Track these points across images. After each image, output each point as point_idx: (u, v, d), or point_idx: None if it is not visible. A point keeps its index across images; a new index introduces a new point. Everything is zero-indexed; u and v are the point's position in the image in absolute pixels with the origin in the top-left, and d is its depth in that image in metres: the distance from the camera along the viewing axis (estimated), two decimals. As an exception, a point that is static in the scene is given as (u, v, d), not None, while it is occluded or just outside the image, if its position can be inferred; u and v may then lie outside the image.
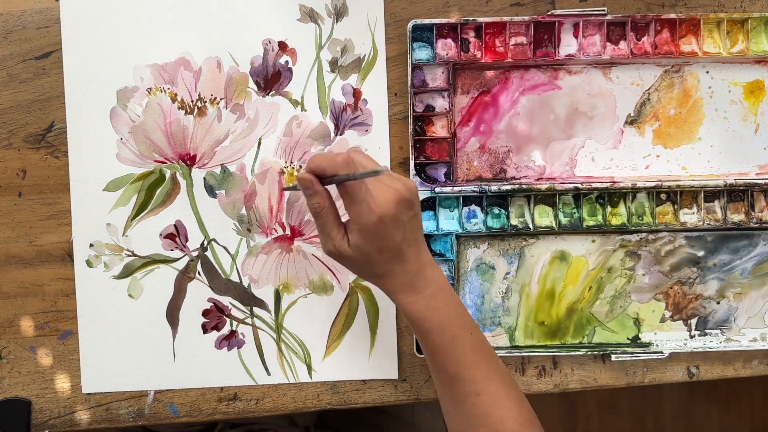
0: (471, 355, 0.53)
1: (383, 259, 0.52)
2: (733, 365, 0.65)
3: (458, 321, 0.54)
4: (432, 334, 0.53)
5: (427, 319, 0.53)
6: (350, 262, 0.53)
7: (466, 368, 0.53)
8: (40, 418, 0.64)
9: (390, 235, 0.51)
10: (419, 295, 0.53)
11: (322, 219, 0.52)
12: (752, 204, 0.63)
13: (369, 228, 0.50)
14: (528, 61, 0.62)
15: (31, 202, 0.64)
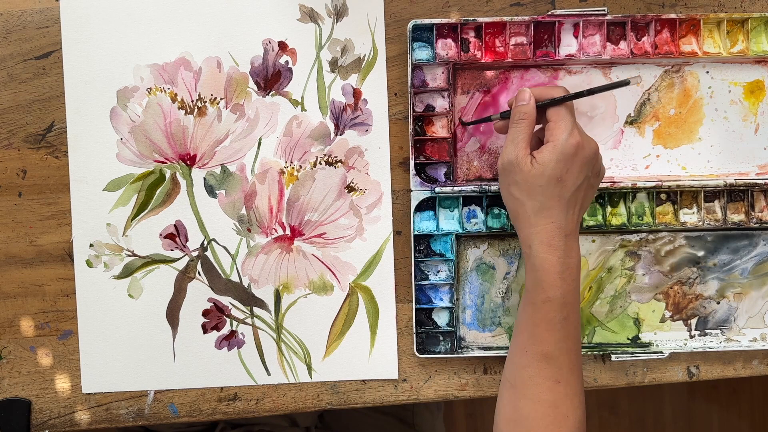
0: (571, 341, 0.53)
1: (555, 193, 0.52)
2: (733, 365, 0.65)
3: (576, 303, 0.53)
4: (550, 304, 0.52)
5: (554, 287, 0.52)
6: (522, 178, 0.53)
7: (561, 352, 0.53)
8: (40, 418, 0.64)
9: (575, 172, 0.52)
10: (559, 259, 0.52)
11: (520, 126, 0.54)
12: (752, 204, 0.63)
13: (566, 151, 0.51)
14: (528, 61, 0.62)
15: (31, 202, 0.64)
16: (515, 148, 0.54)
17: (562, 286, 0.52)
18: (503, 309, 0.64)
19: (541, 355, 0.53)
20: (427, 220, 0.63)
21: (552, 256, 0.52)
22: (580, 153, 0.52)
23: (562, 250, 0.52)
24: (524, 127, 0.54)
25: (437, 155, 0.63)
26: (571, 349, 0.53)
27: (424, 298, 0.63)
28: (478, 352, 0.64)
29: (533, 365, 0.53)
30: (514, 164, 0.53)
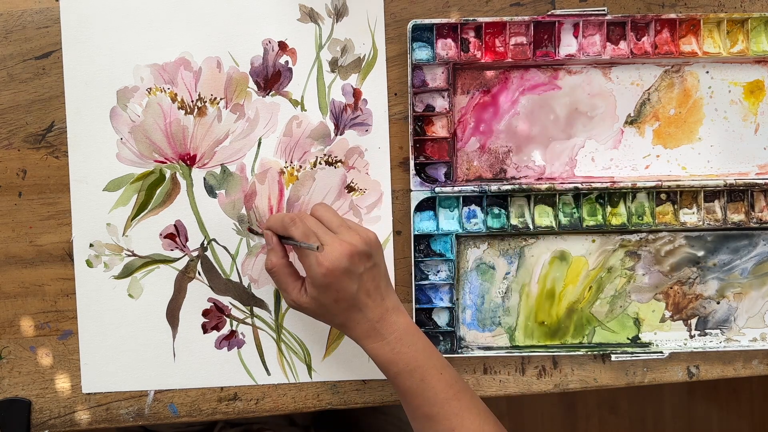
0: (442, 393, 0.55)
1: (340, 309, 0.55)
2: (733, 365, 0.65)
3: (426, 362, 0.55)
4: (401, 377, 0.55)
5: (394, 363, 0.55)
6: (311, 313, 0.57)
7: (438, 407, 0.55)
8: (40, 418, 0.64)
9: (343, 286, 0.54)
10: (384, 341, 0.55)
11: (277, 276, 0.57)
12: (752, 204, 0.63)
13: (320, 281, 0.53)
14: (528, 61, 0.62)
15: (31, 202, 0.64)
16: (287, 294, 0.57)
17: (400, 359, 0.55)
18: (503, 309, 0.64)
19: (425, 417, 0.55)
20: (427, 220, 0.63)
21: (375, 343, 0.55)
22: (335, 273, 0.53)
23: (380, 333, 0.55)
24: (280, 274, 0.56)
25: (437, 155, 0.63)
26: (450, 399, 0.55)
27: (424, 298, 0.63)
28: (478, 352, 0.64)
29: (425, 426, 0.55)
30: (295, 307, 0.57)
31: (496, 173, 0.64)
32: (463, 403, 0.55)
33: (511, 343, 0.65)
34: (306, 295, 0.55)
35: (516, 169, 0.64)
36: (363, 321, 0.55)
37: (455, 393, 0.55)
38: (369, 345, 0.55)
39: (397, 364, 0.55)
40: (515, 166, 0.64)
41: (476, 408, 0.55)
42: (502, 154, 0.64)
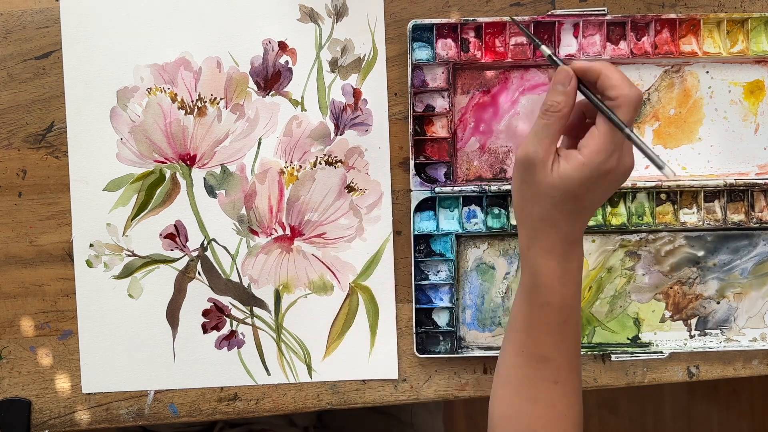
0: (569, 344, 0.50)
1: (567, 208, 0.47)
2: (733, 365, 0.65)
3: (576, 307, 0.50)
4: (549, 307, 0.49)
5: (554, 291, 0.49)
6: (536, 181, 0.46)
7: (559, 354, 0.50)
8: (40, 418, 0.64)
9: (599, 193, 0.46)
10: (559, 264, 0.48)
11: (549, 120, 0.46)
12: (752, 204, 0.63)
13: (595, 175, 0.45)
14: (528, 61, 0.62)
15: (31, 202, 0.64)
16: (538, 145, 0.46)
17: (560, 290, 0.49)
18: (503, 309, 0.64)
19: (539, 357, 0.50)
20: (427, 220, 0.63)
21: (551, 262, 0.48)
22: (609, 177, 0.46)
23: (563, 255, 0.48)
24: (553, 122, 0.46)
25: (437, 155, 0.63)
26: (570, 351, 0.51)
27: (424, 298, 0.63)
28: (478, 352, 0.64)
29: (530, 366, 0.51)
30: (531, 164, 0.46)
31: (496, 173, 0.64)
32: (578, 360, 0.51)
33: (511, 343, 0.65)
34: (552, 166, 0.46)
35: (516, 169, 0.64)
36: (564, 231, 0.48)
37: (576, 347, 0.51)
38: (542, 258, 0.48)
39: (555, 294, 0.49)
40: (515, 166, 0.64)
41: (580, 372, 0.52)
42: (502, 154, 0.64)
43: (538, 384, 0.51)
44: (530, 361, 0.51)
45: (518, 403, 0.51)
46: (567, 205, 0.47)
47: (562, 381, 0.50)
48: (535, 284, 0.49)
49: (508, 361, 0.52)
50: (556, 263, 0.48)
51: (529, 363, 0.51)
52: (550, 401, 0.51)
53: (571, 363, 0.51)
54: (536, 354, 0.50)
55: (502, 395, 0.53)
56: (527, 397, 0.51)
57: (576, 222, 0.48)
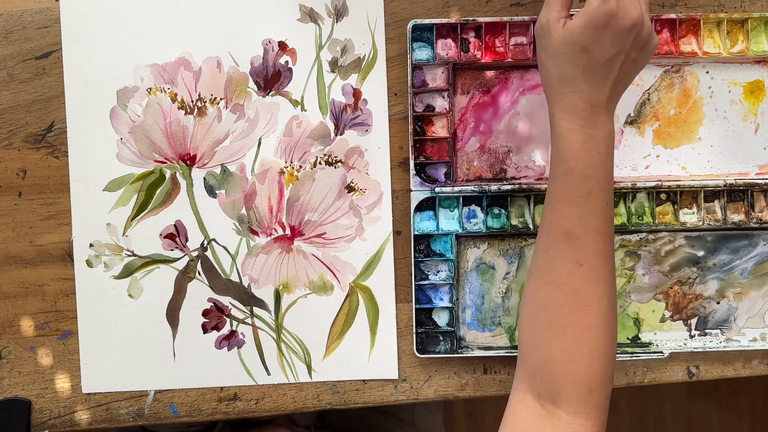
0: (596, 220, 0.48)
1: (580, 62, 0.48)
2: (733, 365, 0.65)
3: (604, 181, 0.49)
4: (571, 175, 0.48)
5: (577, 157, 0.48)
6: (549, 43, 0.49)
7: (584, 231, 0.48)
8: (40, 418, 0.64)
9: (606, 42, 0.47)
10: (581, 128, 0.48)
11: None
12: (752, 204, 0.63)
13: (594, 19, 0.47)
14: (528, 61, 0.62)
15: (31, 202, 0.64)
16: (548, 11, 0.49)
17: (584, 157, 0.48)
18: (503, 309, 0.64)
19: (562, 233, 0.48)
20: (427, 220, 0.63)
21: (573, 125, 0.48)
22: (612, 23, 0.47)
23: (586, 120, 0.48)
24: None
25: (437, 155, 0.63)
26: (596, 230, 0.48)
27: (424, 298, 0.63)
28: (478, 352, 0.64)
29: (554, 246, 0.49)
30: (544, 29, 0.49)
31: (496, 173, 0.64)
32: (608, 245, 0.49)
33: (511, 343, 0.65)
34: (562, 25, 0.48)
35: (516, 169, 0.64)
36: (584, 92, 0.48)
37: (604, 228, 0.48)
38: (564, 121, 0.48)
39: (578, 160, 0.48)
40: (515, 166, 0.64)
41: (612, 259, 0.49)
42: (502, 154, 0.64)
43: (561, 265, 0.49)
44: (554, 240, 0.49)
45: (543, 291, 0.50)
46: (580, 60, 0.48)
47: (586, 264, 0.48)
48: (558, 151, 0.49)
49: (535, 249, 0.51)
50: (578, 127, 0.48)
51: (553, 242, 0.49)
52: (573, 286, 0.48)
53: (597, 244, 0.49)
54: (559, 230, 0.49)
55: (528, 291, 0.51)
56: (551, 281, 0.49)
57: (595, 82, 0.48)
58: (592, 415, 0.49)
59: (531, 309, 0.51)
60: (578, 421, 0.49)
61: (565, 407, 0.49)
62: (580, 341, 0.49)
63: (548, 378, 0.49)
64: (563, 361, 0.49)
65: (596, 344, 0.49)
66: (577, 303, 0.48)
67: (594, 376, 0.49)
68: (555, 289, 0.49)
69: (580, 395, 0.48)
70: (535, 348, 0.50)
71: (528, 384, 0.51)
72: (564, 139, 0.49)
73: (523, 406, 0.51)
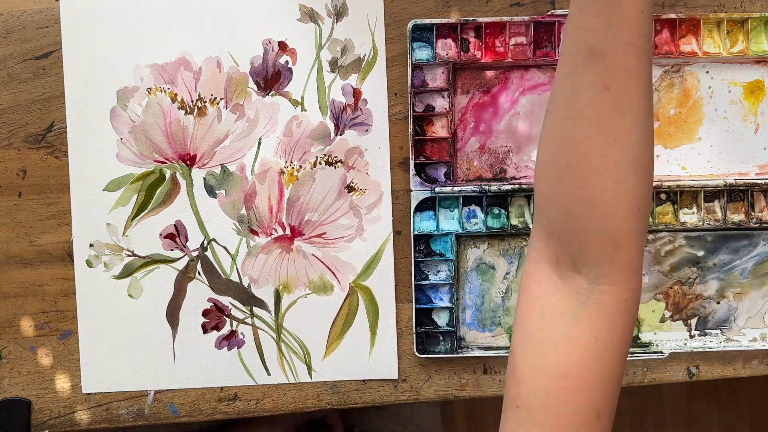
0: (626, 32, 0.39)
1: None
2: (733, 365, 0.65)
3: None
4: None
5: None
6: None
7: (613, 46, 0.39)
8: (40, 418, 0.64)
9: None
10: None
11: None
12: (752, 204, 0.63)
13: None
14: (528, 61, 0.62)
15: (31, 202, 0.64)
16: None
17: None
18: (503, 309, 0.64)
19: (586, 51, 0.39)
20: (427, 220, 0.63)
21: None
22: None
23: None
24: None
25: (437, 155, 0.63)
26: (628, 44, 0.39)
27: (424, 298, 0.63)
28: (478, 352, 0.64)
29: (576, 68, 0.40)
30: None
31: (496, 173, 0.64)
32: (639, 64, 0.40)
33: (511, 343, 0.65)
34: None
35: (516, 169, 0.64)
36: None
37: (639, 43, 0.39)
38: None
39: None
40: (515, 166, 0.64)
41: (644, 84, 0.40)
42: (502, 154, 0.64)
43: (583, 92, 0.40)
44: (577, 61, 0.40)
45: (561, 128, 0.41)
46: None
47: (614, 87, 0.39)
48: None
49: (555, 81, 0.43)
50: None
51: (576, 66, 0.40)
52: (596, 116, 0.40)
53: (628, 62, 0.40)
54: (582, 48, 0.40)
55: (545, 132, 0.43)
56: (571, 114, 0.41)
57: None
58: (618, 279, 0.41)
59: (547, 152, 0.42)
60: (602, 288, 0.41)
61: (586, 271, 0.41)
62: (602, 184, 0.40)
63: (566, 236, 0.41)
64: (583, 212, 0.40)
65: (622, 187, 0.40)
66: (601, 136, 0.40)
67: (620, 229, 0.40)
68: (575, 123, 0.40)
69: (602, 253, 0.40)
70: (551, 200, 0.42)
71: (544, 248, 0.43)
72: None
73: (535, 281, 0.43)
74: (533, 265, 0.43)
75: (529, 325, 0.43)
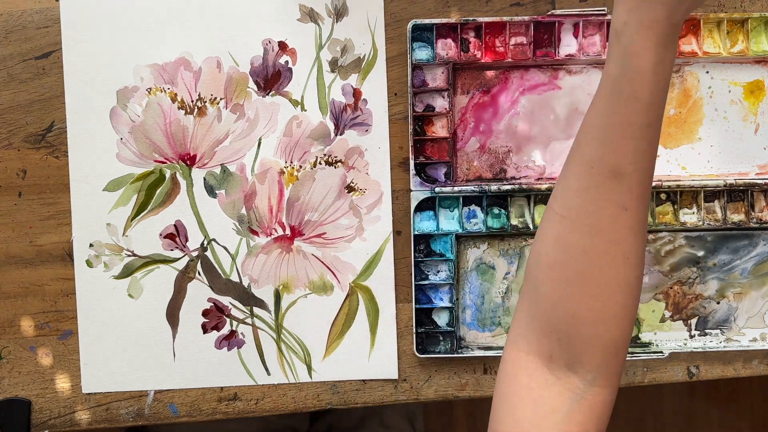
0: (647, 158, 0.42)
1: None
2: (733, 365, 0.65)
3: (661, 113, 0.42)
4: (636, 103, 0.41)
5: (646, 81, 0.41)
6: None
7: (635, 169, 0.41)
8: (40, 418, 0.64)
9: None
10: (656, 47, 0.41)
11: None
12: (752, 204, 0.63)
13: None
14: (528, 61, 0.62)
15: (31, 202, 0.64)
16: None
17: (652, 82, 0.41)
18: (503, 309, 0.65)
19: (611, 171, 0.41)
20: (427, 220, 0.63)
21: (649, 41, 0.40)
22: None
23: (662, 38, 0.41)
24: None
25: (437, 155, 0.63)
26: (645, 169, 0.42)
27: (424, 298, 0.63)
28: (478, 352, 0.64)
29: (598, 186, 0.42)
30: None
31: (496, 173, 0.64)
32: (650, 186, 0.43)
33: (511, 343, 0.65)
34: None
35: (516, 169, 0.64)
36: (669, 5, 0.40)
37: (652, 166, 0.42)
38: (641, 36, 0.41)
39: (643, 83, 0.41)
40: (515, 166, 0.64)
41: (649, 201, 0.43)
42: (502, 154, 0.64)
43: (604, 209, 0.42)
44: (600, 178, 0.42)
45: (575, 240, 0.43)
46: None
47: (631, 210, 0.42)
48: (625, 72, 0.41)
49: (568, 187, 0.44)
50: (653, 45, 0.41)
51: (598, 182, 0.42)
52: (615, 235, 0.42)
53: (643, 187, 0.42)
54: (609, 167, 0.42)
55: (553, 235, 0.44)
56: (588, 229, 0.42)
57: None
58: (609, 382, 0.43)
59: (558, 257, 0.43)
60: (595, 390, 0.43)
61: (583, 373, 0.43)
62: (614, 299, 0.43)
63: (567, 339, 0.43)
64: (591, 321, 0.43)
65: (628, 302, 0.43)
66: (617, 255, 0.42)
67: (620, 339, 0.43)
68: (593, 237, 0.42)
69: (602, 360, 0.43)
70: (557, 303, 0.44)
71: (537, 343, 0.44)
72: (637, 57, 0.41)
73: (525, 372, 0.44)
74: (523, 356, 0.45)
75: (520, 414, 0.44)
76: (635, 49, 0.41)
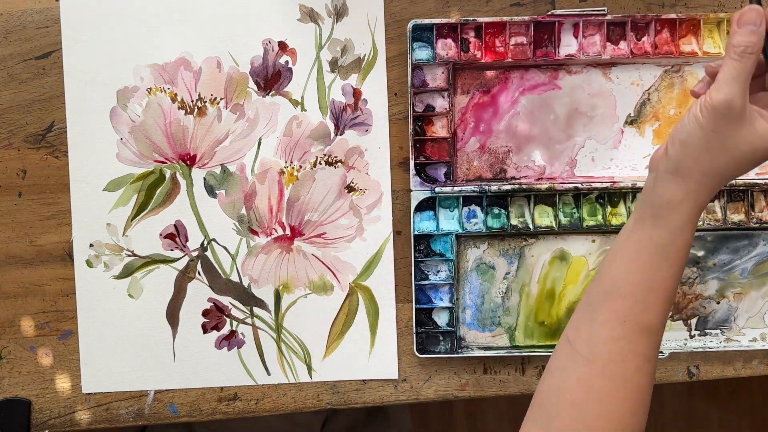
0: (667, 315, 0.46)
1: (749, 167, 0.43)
2: (733, 365, 0.65)
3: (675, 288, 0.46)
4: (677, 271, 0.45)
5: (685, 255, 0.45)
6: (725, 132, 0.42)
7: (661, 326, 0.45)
8: (40, 418, 0.64)
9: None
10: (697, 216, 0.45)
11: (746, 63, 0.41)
12: (752, 204, 0.63)
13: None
14: (528, 61, 0.62)
15: (31, 202, 0.64)
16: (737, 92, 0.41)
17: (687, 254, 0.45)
18: (503, 309, 0.64)
19: (643, 328, 0.44)
20: (427, 220, 0.63)
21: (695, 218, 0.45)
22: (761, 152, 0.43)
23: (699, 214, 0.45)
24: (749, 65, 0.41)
25: (437, 155, 0.63)
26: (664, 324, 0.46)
27: (424, 298, 0.63)
28: (478, 352, 0.64)
29: (629, 339, 0.44)
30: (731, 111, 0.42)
31: (496, 173, 0.64)
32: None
33: (511, 343, 0.65)
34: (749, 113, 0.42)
35: (516, 169, 0.64)
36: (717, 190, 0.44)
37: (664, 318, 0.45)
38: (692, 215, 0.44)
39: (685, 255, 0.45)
40: (515, 166, 0.64)
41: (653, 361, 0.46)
42: (502, 154, 0.64)
43: (632, 361, 0.45)
44: (632, 332, 0.45)
45: (601, 384, 0.45)
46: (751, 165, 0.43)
47: (652, 360, 0.45)
48: (674, 243, 0.44)
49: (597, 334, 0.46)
50: (695, 221, 0.45)
51: (630, 335, 0.45)
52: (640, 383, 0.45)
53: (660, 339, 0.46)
54: (642, 324, 0.45)
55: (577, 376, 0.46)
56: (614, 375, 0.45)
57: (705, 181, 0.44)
58: None
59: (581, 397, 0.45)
60: None
61: None
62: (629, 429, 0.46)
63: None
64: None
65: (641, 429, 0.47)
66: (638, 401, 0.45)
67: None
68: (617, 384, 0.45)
69: None
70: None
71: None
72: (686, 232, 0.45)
73: None
74: None
75: None
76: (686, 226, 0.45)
